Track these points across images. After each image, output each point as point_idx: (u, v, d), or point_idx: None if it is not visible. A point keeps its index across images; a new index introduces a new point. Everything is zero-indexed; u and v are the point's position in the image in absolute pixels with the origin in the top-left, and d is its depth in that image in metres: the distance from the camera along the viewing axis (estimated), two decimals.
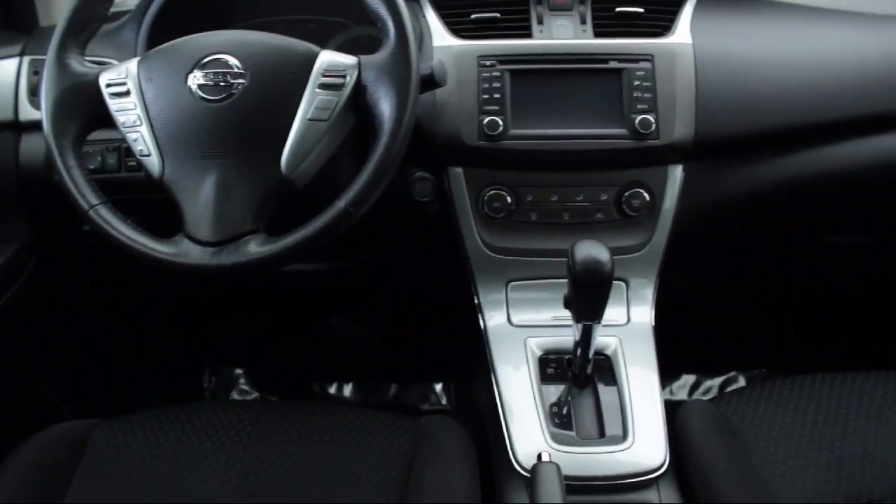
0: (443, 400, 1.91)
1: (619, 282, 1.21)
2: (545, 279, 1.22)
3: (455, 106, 1.15)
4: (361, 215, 0.90)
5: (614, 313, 1.19)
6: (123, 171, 1.17)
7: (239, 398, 1.92)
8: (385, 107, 0.92)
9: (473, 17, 1.20)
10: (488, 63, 1.15)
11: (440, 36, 1.19)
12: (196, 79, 0.93)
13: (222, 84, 0.92)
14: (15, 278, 1.25)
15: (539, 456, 0.89)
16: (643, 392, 1.09)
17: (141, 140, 0.93)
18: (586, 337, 1.01)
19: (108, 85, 0.95)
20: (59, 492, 1.01)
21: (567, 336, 1.08)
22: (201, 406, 1.12)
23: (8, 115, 1.20)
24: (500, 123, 1.13)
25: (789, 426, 1.07)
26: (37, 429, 1.10)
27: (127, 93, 0.94)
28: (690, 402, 1.13)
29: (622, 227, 1.20)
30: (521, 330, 1.20)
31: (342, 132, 0.96)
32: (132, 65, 0.96)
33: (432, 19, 1.21)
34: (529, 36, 1.20)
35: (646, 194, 1.18)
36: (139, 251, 0.91)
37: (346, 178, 0.92)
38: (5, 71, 1.22)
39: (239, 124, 0.92)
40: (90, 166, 1.12)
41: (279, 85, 0.93)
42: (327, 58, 0.94)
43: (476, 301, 1.24)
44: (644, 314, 1.21)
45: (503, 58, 1.15)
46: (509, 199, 1.18)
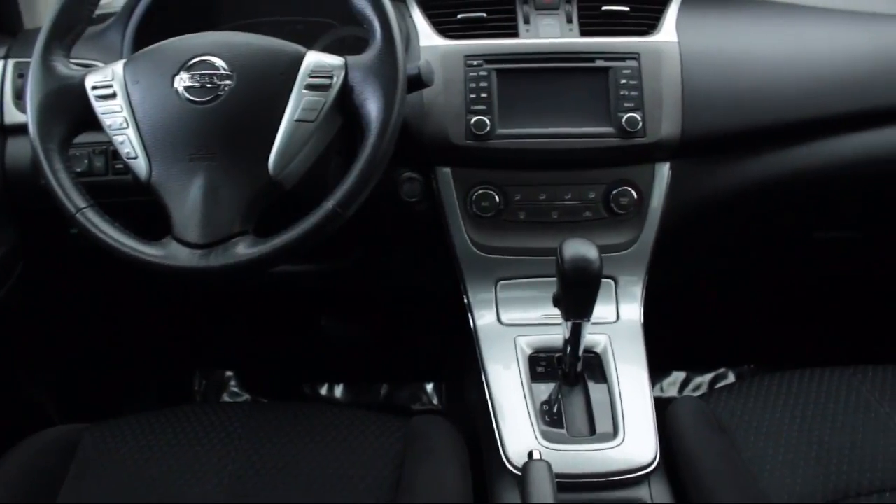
0: (434, 400, 1.91)
1: (608, 279, 1.22)
2: (534, 278, 1.22)
3: (442, 106, 1.15)
4: (350, 216, 0.90)
5: (603, 311, 1.20)
6: (111, 174, 1.16)
7: (230, 400, 1.92)
8: (372, 107, 0.92)
9: (460, 17, 1.20)
10: (475, 63, 1.15)
11: (427, 36, 1.19)
12: (183, 81, 0.92)
13: (209, 86, 0.92)
14: (2, 283, 1.24)
15: (530, 454, 0.89)
16: (633, 389, 1.09)
17: (128, 142, 0.93)
18: (576, 335, 1.02)
19: (94, 87, 0.95)
20: (49, 497, 1.00)
21: (557, 334, 1.08)
22: (191, 409, 1.12)
23: None
24: (488, 123, 1.13)
25: (778, 421, 1.07)
26: (26, 434, 1.09)
27: (113, 95, 0.94)
28: (680, 399, 1.14)
29: (610, 225, 1.21)
30: (511, 329, 1.20)
31: (329, 133, 0.96)
32: (118, 67, 0.96)
33: (419, 19, 1.21)
34: (516, 35, 1.20)
35: (633, 192, 1.18)
36: (127, 254, 0.91)
37: (334, 179, 0.92)
38: None
39: (226, 126, 0.92)
40: (77, 169, 1.12)
41: (266, 86, 0.93)
42: (314, 59, 0.94)
43: (466, 300, 1.24)
44: (633, 311, 1.22)
45: (490, 57, 1.15)
46: (497, 199, 1.18)
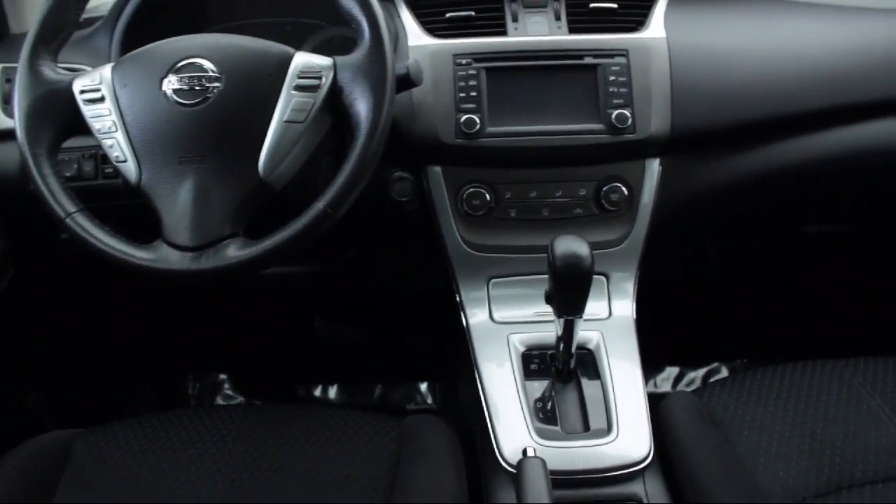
0: (428, 399, 1.91)
1: (600, 276, 1.22)
2: (526, 275, 1.22)
3: (432, 105, 1.15)
4: (340, 216, 0.90)
5: (596, 307, 1.20)
6: (100, 179, 1.16)
7: (224, 403, 1.91)
8: (361, 107, 0.91)
9: (448, 16, 1.20)
10: (464, 61, 1.15)
11: (415, 35, 1.19)
12: (171, 83, 0.92)
13: (197, 88, 0.91)
14: None
15: (524, 451, 0.89)
16: (626, 385, 1.09)
17: (117, 146, 0.93)
18: (568, 332, 1.02)
19: (83, 91, 0.94)
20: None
21: (549, 331, 1.09)
22: (185, 412, 1.11)
23: None
24: (477, 121, 1.13)
25: (771, 415, 1.08)
26: (19, 440, 1.09)
27: (101, 99, 0.94)
28: (673, 394, 1.14)
29: (601, 222, 1.21)
30: (504, 326, 1.20)
31: (319, 133, 0.96)
32: (106, 71, 0.95)
33: (407, 19, 1.21)
34: (504, 34, 1.20)
35: (624, 188, 1.18)
36: (118, 258, 0.90)
37: (325, 180, 0.91)
38: None
39: (215, 128, 0.91)
40: (66, 174, 1.12)
41: (255, 88, 0.92)
42: (302, 59, 0.93)
43: (458, 299, 1.24)
44: (625, 308, 1.22)
45: (479, 56, 1.16)
46: (488, 197, 1.18)
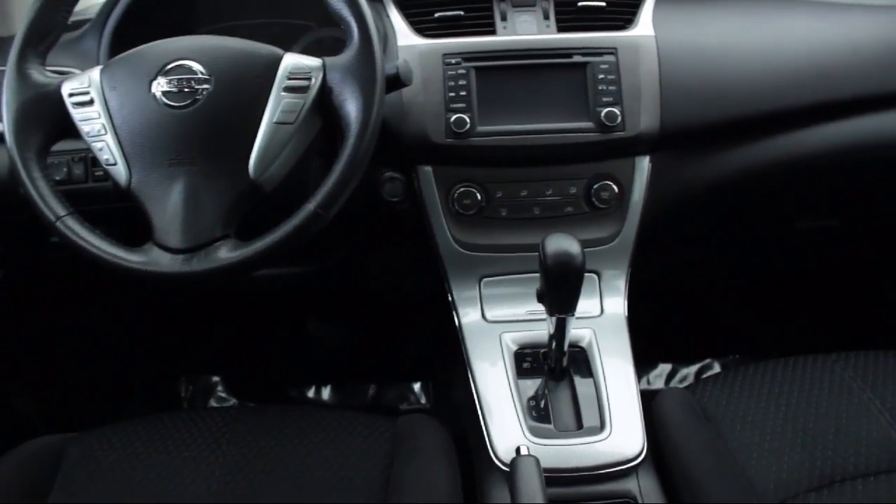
0: (422, 399, 1.91)
1: (591, 274, 1.22)
2: (518, 274, 1.22)
3: (421, 105, 1.15)
4: (331, 217, 0.90)
5: (587, 305, 1.20)
6: (91, 182, 1.15)
7: (217, 405, 1.91)
8: (351, 108, 0.91)
9: (437, 16, 1.20)
10: (453, 61, 1.15)
11: (404, 35, 1.19)
12: (160, 86, 0.92)
13: (187, 90, 0.91)
14: None
15: (518, 450, 0.89)
16: (619, 382, 1.09)
17: (106, 149, 0.92)
18: (560, 330, 1.02)
19: (71, 94, 0.94)
20: None
21: (542, 330, 1.09)
22: (178, 415, 1.11)
23: None
24: (467, 121, 1.13)
25: (763, 410, 1.08)
26: (11, 445, 1.08)
27: (90, 102, 0.93)
28: (666, 391, 1.14)
29: (592, 220, 1.21)
30: (496, 325, 1.20)
31: (309, 134, 0.96)
32: (95, 73, 0.95)
33: (396, 19, 1.21)
34: (493, 33, 1.20)
35: (614, 186, 1.19)
36: (108, 261, 0.90)
37: (315, 181, 0.91)
38: None
39: (205, 130, 0.91)
40: (56, 177, 1.11)
41: (244, 89, 0.92)
42: (292, 60, 0.93)
43: (450, 298, 1.24)
44: (617, 305, 1.22)
45: (468, 55, 1.16)
46: (479, 196, 1.18)
